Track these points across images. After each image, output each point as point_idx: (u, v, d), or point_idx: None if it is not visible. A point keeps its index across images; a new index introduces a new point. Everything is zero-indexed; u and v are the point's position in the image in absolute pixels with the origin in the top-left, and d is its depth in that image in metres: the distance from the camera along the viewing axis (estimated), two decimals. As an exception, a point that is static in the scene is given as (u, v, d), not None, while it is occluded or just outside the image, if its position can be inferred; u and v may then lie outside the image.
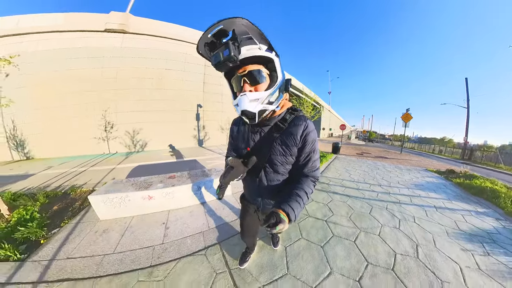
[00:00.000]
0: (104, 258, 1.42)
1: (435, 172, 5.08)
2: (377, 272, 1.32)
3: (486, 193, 3.19)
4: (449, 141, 46.50)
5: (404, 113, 10.62)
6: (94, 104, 6.52)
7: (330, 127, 32.36)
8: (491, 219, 2.36)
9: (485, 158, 10.24)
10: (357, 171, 4.71)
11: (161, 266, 1.33)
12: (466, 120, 11.94)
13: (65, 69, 6.15)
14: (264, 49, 0.56)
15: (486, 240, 1.85)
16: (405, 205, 2.56)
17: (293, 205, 0.55)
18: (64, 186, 3.12)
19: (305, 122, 0.65)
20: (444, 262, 1.48)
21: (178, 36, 7.65)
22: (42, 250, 1.51)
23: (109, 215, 1.93)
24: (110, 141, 6.79)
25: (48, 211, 2.14)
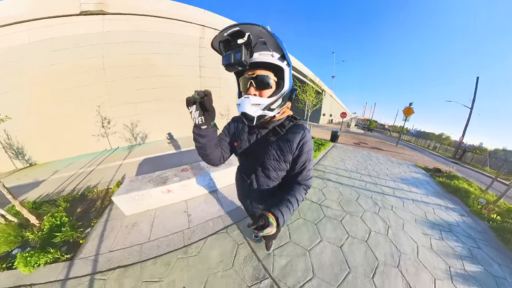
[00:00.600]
0: (142, 246, 1.68)
1: (423, 169, 5.38)
2: (354, 242, 1.80)
3: (460, 192, 3.57)
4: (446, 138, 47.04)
5: (407, 106, 10.55)
6: (86, 100, 5.99)
7: (331, 113, 31.78)
8: (456, 214, 2.77)
9: (474, 160, 10.62)
10: (352, 161, 5.08)
11: (193, 245, 1.68)
12: (467, 120, 11.90)
13: (46, 66, 5.40)
14: (277, 57, 0.57)
15: (445, 229, 2.29)
16: (387, 196, 3.00)
17: (283, 210, 0.56)
18: (79, 188, 3.17)
19: (303, 131, 0.66)
20: (406, 241, 1.93)
21: (167, 14, 6.57)
22: (84, 248, 1.70)
23: (133, 211, 2.17)
24: (110, 137, 6.53)
25: (74, 214, 2.27)
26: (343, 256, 1.63)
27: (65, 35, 5.42)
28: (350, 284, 1.38)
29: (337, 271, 1.47)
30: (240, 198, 0.98)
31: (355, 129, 25.94)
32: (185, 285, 1.32)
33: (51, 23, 5.28)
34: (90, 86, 6.00)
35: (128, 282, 1.34)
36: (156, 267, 1.46)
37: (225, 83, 8.83)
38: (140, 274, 1.40)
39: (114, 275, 1.40)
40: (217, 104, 8.38)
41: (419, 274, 1.55)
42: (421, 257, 1.74)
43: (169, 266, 1.46)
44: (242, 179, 0.83)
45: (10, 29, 5.01)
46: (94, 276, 1.40)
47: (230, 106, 9.36)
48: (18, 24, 5.03)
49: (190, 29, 7.13)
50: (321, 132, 12.46)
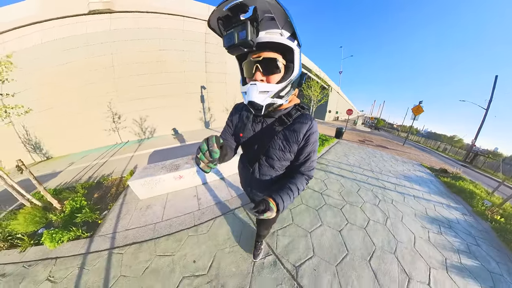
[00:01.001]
0: (156, 225, 1.84)
1: (428, 169, 5.31)
2: (353, 228, 1.91)
3: (464, 193, 3.52)
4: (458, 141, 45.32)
5: (416, 105, 10.21)
6: (97, 96, 6.30)
7: (337, 110, 31.16)
8: (458, 213, 2.76)
9: (486, 164, 10.16)
10: (355, 156, 5.08)
11: (203, 224, 1.83)
12: (481, 122, 11.40)
13: (58, 64, 5.66)
14: (287, 35, 0.49)
15: (444, 225, 2.32)
16: (388, 190, 3.03)
17: (284, 196, 0.56)
18: (94, 177, 3.40)
19: (310, 122, 0.64)
20: (404, 231, 1.99)
21: (173, 10, 6.61)
22: (103, 227, 1.86)
23: (147, 195, 2.35)
24: (120, 131, 6.87)
25: (91, 199, 2.45)
26: (342, 240, 1.72)
27: (75, 34, 5.68)
28: (348, 265, 1.47)
29: (336, 252, 1.57)
30: (243, 185, 0.99)
31: (362, 127, 25.44)
32: (195, 259, 1.45)
33: (62, 23, 5.53)
34: (100, 83, 6.28)
35: (143, 255, 1.49)
36: (169, 243, 1.60)
37: (230, 78, 8.88)
38: (154, 249, 1.54)
39: (131, 249, 1.55)
40: (222, 99, 8.22)
41: (415, 262, 1.61)
42: (417, 247, 1.80)
43: (181, 242, 1.61)
44: (245, 167, 0.82)
45: (23, 31, 5.29)
46: (112, 251, 1.55)
47: (237, 100, 9.42)
48: (31, 25, 5.30)
49: (196, 25, 7.19)
50: (327, 128, 12.34)
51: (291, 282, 1.29)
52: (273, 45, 0.50)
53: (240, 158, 0.92)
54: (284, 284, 1.28)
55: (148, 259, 1.45)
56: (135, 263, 1.42)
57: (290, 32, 0.49)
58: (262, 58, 0.52)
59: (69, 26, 5.60)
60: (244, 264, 1.39)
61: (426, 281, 1.45)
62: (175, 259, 1.45)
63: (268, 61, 0.52)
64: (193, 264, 1.41)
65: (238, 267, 1.37)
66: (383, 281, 1.37)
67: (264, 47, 0.50)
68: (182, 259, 1.44)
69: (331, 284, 1.30)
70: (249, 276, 1.31)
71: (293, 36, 0.50)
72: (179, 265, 1.40)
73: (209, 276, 1.31)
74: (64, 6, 5.41)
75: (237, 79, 9.96)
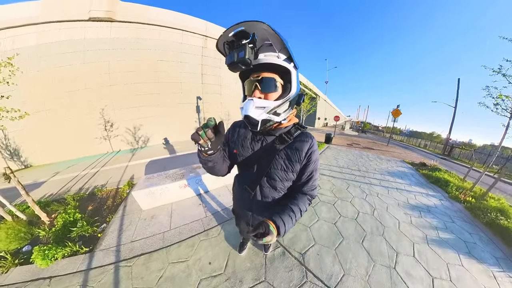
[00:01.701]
0: (164, 234, 1.83)
1: (409, 164, 5.90)
2: (345, 220, 2.19)
3: (440, 182, 4.00)
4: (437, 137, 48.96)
5: (395, 108, 11.39)
6: (90, 103, 6.15)
7: (325, 117, 33.10)
8: (436, 199, 3.14)
9: (462, 155, 11.39)
10: (344, 159, 5.53)
11: (213, 229, 1.91)
12: (452, 118, 12.80)
13: (52, 67, 5.57)
14: (283, 58, 0.54)
15: (424, 210, 2.68)
16: (374, 186, 3.42)
17: (285, 219, 0.54)
18: (85, 188, 3.22)
19: (311, 140, 0.65)
20: (389, 218, 2.31)
21: (173, 24, 7.05)
22: (104, 241, 1.77)
23: (150, 205, 2.34)
24: (112, 140, 6.64)
25: (85, 212, 2.31)
26: (337, 230, 1.98)
27: (72, 38, 5.67)
28: (345, 247, 1.72)
29: (333, 239, 1.82)
30: (238, 210, 0.94)
31: (350, 131, 26.87)
32: (210, 261, 1.50)
33: (60, 27, 5.52)
34: (94, 90, 6.16)
35: (155, 265, 1.47)
36: (181, 249, 1.62)
37: (225, 90, 9.33)
38: (166, 257, 1.54)
39: (140, 261, 1.52)
40: (218, 109, 8.43)
41: (401, 240, 1.91)
42: (402, 229, 2.12)
43: (193, 247, 1.65)
44: (244, 190, 0.76)
45: (19, 31, 5.18)
46: (119, 264, 1.49)
47: (231, 112, 9.83)
48: (28, 26, 5.22)
49: (194, 39, 7.70)
50: (316, 134, 13.05)
51: (300, 267, 1.47)
52: (272, 67, 0.55)
53: (236, 180, 0.85)
54: (294, 269, 1.45)
55: (161, 268, 1.44)
56: (147, 274, 1.40)
57: (287, 56, 0.55)
58: (261, 78, 0.57)
59: (67, 30, 5.58)
60: (257, 258, 1.53)
61: (411, 254, 1.74)
62: (190, 264, 1.47)
63: (267, 80, 0.57)
64: (209, 266, 1.46)
65: (252, 261, 1.50)
66: (375, 257, 1.64)
67: (263, 68, 0.56)
68: (197, 263, 1.48)
69: (333, 264, 1.53)
70: (263, 267, 1.45)
71: (289, 59, 0.56)
72: (195, 269, 1.43)
73: (226, 274, 1.39)
74: (64, 11, 5.45)
75: (231, 91, 9.80)
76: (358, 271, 1.49)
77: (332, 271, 1.47)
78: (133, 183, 3.19)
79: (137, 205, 2.34)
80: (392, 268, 1.55)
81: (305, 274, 1.42)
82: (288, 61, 0.56)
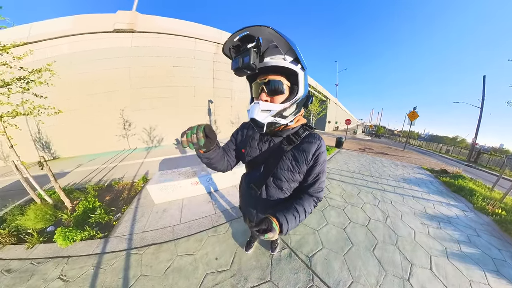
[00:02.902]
0: (175, 227, 1.92)
1: (428, 170, 5.46)
2: (356, 226, 2.10)
3: (464, 191, 3.61)
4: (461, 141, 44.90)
5: (411, 111, 10.73)
6: (112, 104, 6.89)
7: (336, 121, 32.19)
8: (458, 210, 2.88)
9: (491, 162, 9.94)
10: (355, 164, 5.30)
11: (221, 225, 1.96)
12: (478, 121, 11.59)
13: (79, 73, 6.38)
14: (289, 60, 0.54)
15: (443, 221, 2.45)
16: (387, 192, 3.22)
17: (289, 217, 0.54)
18: (104, 180, 3.48)
19: (319, 141, 0.65)
20: (403, 227, 2.16)
21: (186, 33, 7.69)
22: (118, 228, 1.89)
23: (163, 199, 2.47)
24: (129, 138, 7.31)
25: (103, 201, 2.46)
26: (347, 235, 1.90)
27: (100, 48, 6.50)
28: (354, 254, 1.65)
29: (342, 245, 1.74)
30: (244, 208, 0.95)
31: (362, 135, 25.80)
32: (217, 256, 1.53)
33: (89, 38, 6.38)
34: (116, 92, 6.91)
35: (164, 255, 1.53)
36: (189, 243, 1.68)
37: (235, 93, 9.73)
38: (175, 249, 1.60)
39: (150, 250, 1.59)
40: (228, 112, 9.11)
41: (416, 251, 1.76)
42: (417, 239, 1.96)
43: (201, 242, 1.70)
44: (250, 189, 0.78)
45: (56, 42, 6.13)
46: (130, 251, 1.57)
47: (240, 115, 10.18)
48: (63, 38, 6.16)
49: (207, 46, 8.29)
50: (327, 139, 12.70)
51: (306, 270, 1.44)
52: (278, 69, 0.56)
53: (243, 179, 0.88)
54: (300, 272, 1.43)
55: (169, 259, 1.50)
56: (156, 263, 1.46)
57: (293, 57, 0.55)
58: (267, 80, 0.57)
59: (95, 41, 6.45)
60: (264, 258, 1.53)
61: (428, 267, 1.60)
62: (197, 257, 1.52)
63: (273, 83, 0.57)
64: (215, 261, 1.49)
65: (258, 260, 1.51)
66: (387, 267, 1.54)
67: (270, 70, 0.57)
68: (204, 257, 1.52)
69: (341, 270, 1.47)
70: (269, 267, 1.45)
71: (296, 60, 0.55)
72: (202, 263, 1.47)
73: (231, 271, 1.41)
74: (93, 24, 6.32)
75: (241, 95, 10.23)
76: (368, 280, 1.42)
77: (340, 277, 1.42)
78: (148, 178, 3.40)
79: (150, 199, 2.47)
80: (406, 280, 1.45)
81: (312, 278, 1.39)
82: (295, 62, 0.55)
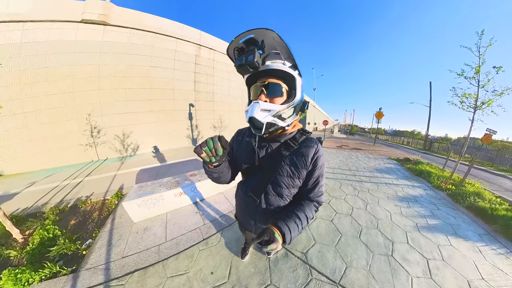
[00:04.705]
0: (160, 247, 1.72)
1: (395, 160, 6.34)
2: (341, 216, 2.30)
3: (423, 174, 4.36)
4: (418, 134, 52.59)
5: (377, 111, 12.27)
6: (75, 107, 5.74)
7: (315, 122, 34.54)
8: (421, 190, 3.43)
9: (440, 148, 12.61)
10: (335, 160, 5.78)
11: (212, 237, 1.86)
12: (428, 117, 14.20)
13: (35, 68, 5.19)
14: (288, 65, 0.57)
15: (411, 200, 2.91)
16: (365, 183, 3.62)
17: (291, 226, 0.52)
18: (67, 201, 2.94)
19: (316, 145, 0.64)
20: (381, 211, 2.45)
21: (168, 32, 7.10)
22: (90, 258, 1.61)
23: (143, 216, 2.19)
24: (98, 147, 6.17)
25: (67, 227, 2.13)
26: (335, 227, 2.06)
27: (62, 39, 5.40)
28: (344, 243, 1.78)
29: (332, 237, 1.87)
30: (241, 218, 0.91)
31: (338, 134, 27.97)
32: (212, 270, 1.44)
33: (49, 26, 5.23)
34: (81, 93, 5.82)
35: (152, 281, 1.35)
36: (179, 261, 1.53)
37: (217, 97, 9.51)
38: (164, 271, 1.43)
39: (134, 278, 1.39)
40: (210, 116, 8.44)
41: (394, 231, 2.03)
42: (394, 220, 2.26)
43: (193, 258, 1.57)
44: (249, 198, 0.74)
45: (5, 27, 4.82)
46: (110, 284, 1.35)
47: (223, 118, 9.93)
48: (15, 23, 4.90)
49: (188, 47, 7.91)
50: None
51: (303, 266, 1.50)
52: (277, 73, 0.59)
53: (240, 187, 0.84)
54: (298, 269, 1.46)
55: (158, 284, 1.33)
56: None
57: (292, 64, 0.59)
58: (267, 83, 0.59)
59: (56, 30, 5.30)
60: (261, 262, 1.51)
61: (405, 241, 1.87)
62: (191, 275, 1.39)
63: (272, 85, 0.59)
64: (211, 276, 1.40)
65: (255, 266, 1.48)
66: (373, 248, 1.73)
67: (269, 74, 0.59)
68: (199, 273, 1.41)
69: (335, 259, 1.58)
70: (268, 271, 1.44)
71: (294, 66, 0.59)
72: (197, 280, 1.36)
73: (230, 283, 1.34)
74: (56, 10, 5.19)
75: (223, 99, 10.04)
76: (359, 262, 1.55)
77: (335, 266, 1.50)
78: (123, 193, 2.98)
79: (128, 217, 2.18)
80: (390, 256, 1.64)
81: (310, 272, 1.44)
82: (293, 68, 0.59)
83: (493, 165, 8.15)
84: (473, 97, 3.74)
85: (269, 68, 0.56)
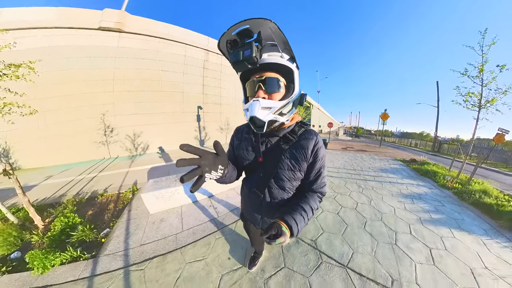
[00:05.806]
0: (177, 236, 1.80)
1: (400, 161, 6.34)
2: (346, 210, 2.43)
3: (429, 174, 4.38)
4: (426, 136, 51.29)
5: (383, 112, 12.24)
6: (90, 107, 6.17)
7: (320, 124, 34.39)
8: (426, 188, 3.48)
9: (450, 150, 12.15)
10: (340, 161, 5.85)
11: (226, 227, 1.96)
12: (436, 117, 13.58)
13: (58, 70, 5.64)
14: (286, 58, 0.55)
15: (416, 198, 2.96)
16: (369, 181, 3.70)
17: (297, 218, 0.52)
18: (83, 193, 3.09)
19: (315, 137, 0.64)
20: (385, 206, 2.54)
21: (177, 38, 7.62)
22: (108, 245, 1.68)
23: (159, 208, 2.31)
24: (110, 146, 6.55)
25: (84, 217, 2.22)
26: (341, 218, 2.19)
27: (81, 45, 5.93)
28: (350, 232, 1.91)
29: (338, 227, 2.00)
30: (247, 214, 0.92)
31: (344, 136, 27.69)
32: (229, 256, 1.54)
33: (71, 33, 5.79)
34: (97, 94, 6.27)
35: (171, 266, 1.43)
36: (197, 249, 1.61)
37: (224, 100, 9.86)
38: (182, 257, 1.51)
39: (153, 263, 1.46)
40: (217, 118, 8.97)
41: (397, 223, 2.13)
42: (397, 214, 2.34)
43: (210, 245, 1.66)
44: (253, 193, 0.75)
45: (32, 32, 5.36)
46: (129, 268, 1.40)
47: (230, 120, 10.24)
48: (41, 29, 5.47)
49: (197, 52, 8.39)
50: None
51: (314, 251, 1.63)
52: (275, 67, 0.55)
53: (244, 183, 0.85)
54: (309, 253, 1.59)
55: (178, 269, 1.40)
56: (163, 276, 1.35)
57: (289, 56, 0.56)
58: (264, 78, 0.55)
59: (77, 37, 5.85)
60: (275, 248, 1.63)
61: (408, 232, 1.97)
62: (209, 261, 1.47)
63: (270, 80, 0.55)
64: (228, 261, 1.48)
65: (270, 251, 1.58)
66: (378, 237, 1.84)
67: (266, 68, 0.55)
68: (216, 259, 1.49)
69: (342, 245, 1.70)
70: (281, 255, 1.56)
71: (292, 59, 0.56)
72: (215, 265, 1.43)
73: (247, 267, 1.42)
74: (77, 18, 5.78)
75: (230, 101, 10.37)
76: (365, 249, 1.66)
77: (342, 251, 1.62)
78: (137, 187, 3.17)
79: (144, 209, 2.31)
80: (394, 244, 1.74)
81: (320, 256, 1.56)
82: (291, 61, 0.56)
83: (507, 166, 7.81)
84: (476, 96, 3.79)
85: (267, 62, 0.52)
